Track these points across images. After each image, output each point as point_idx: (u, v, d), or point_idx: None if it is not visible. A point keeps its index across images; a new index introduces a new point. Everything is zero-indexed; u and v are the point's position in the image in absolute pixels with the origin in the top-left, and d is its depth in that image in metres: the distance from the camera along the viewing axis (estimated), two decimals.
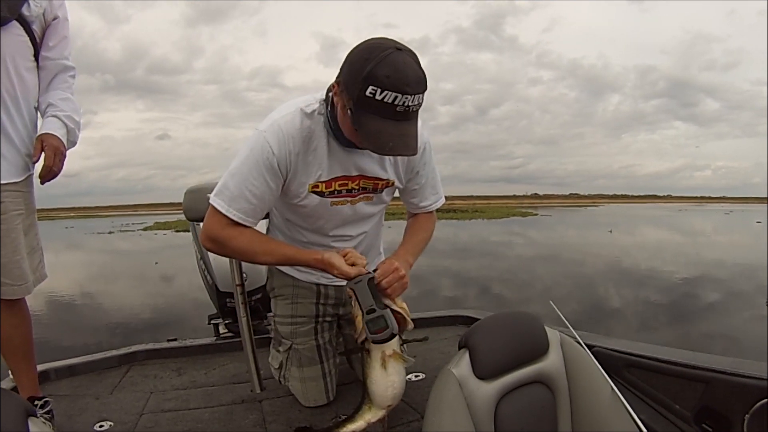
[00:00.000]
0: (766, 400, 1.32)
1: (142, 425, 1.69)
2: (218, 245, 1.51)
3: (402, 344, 1.41)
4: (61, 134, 1.61)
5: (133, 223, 50.38)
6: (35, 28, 1.59)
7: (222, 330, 2.66)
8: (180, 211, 2.02)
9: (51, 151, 1.56)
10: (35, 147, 1.57)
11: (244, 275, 1.93)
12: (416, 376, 1.97)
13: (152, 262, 16.80)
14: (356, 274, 1.39)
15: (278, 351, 1.84)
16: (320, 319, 1.79)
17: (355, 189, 1.56)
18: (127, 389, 1.99)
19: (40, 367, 1.85)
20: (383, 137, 1.25)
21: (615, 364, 1.67)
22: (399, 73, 1.20)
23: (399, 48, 1.23)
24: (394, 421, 1.61)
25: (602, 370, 1.20)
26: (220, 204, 1.45)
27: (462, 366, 1.10)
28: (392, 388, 1.37)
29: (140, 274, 14.24)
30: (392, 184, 1.62)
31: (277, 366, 1.84)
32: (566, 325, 1.46)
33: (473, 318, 2.57)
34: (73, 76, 1.73)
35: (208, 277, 2.62)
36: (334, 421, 1.58)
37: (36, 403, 1.63)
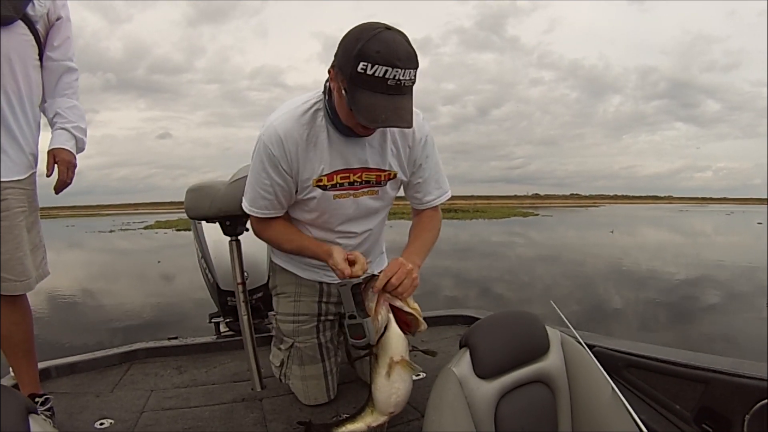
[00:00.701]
0: (766, 400, 1.32)
1: (143, 423, 1.69)
2: (258, 237, 1.70)
3: (412, 350, 1.41)
4: (70, 146, 1.68)
5: (134, 222, 50.36)
6: (39, 27, 1.61)
7: (223, 328, 2.67)
8: (181, 210, 2.02)
9: (64, 166, 1.65)
10: (48, 161, 1.63)
11: (246, 274, 1.94)
12: (417, 375, 1.97)
13: (153, 260, 16.78)
14: (349, 275, 1.43)
15: (279, 349, 1.85)
16: (322, 317, 1.80)
17: (357, 182, 1.58)
18: (127, 387, 2.00)
19: (41, 365, 1.86)
20: (377, 110, 1.28)
21: (615, 364, 1.67)
22: (389, 48, 1.25)
23: (389, 28, 1.28)
24: (394, 420, 1.61)
25: (602, 370, 1.20)
26: (245, 206, 1.62)
27: (462, 365, 1.10)
28: (395, 396, 1.38)
29: (141, 272, 14.23)
30: (395, 176, 1.63)
31: (278, 364, 1.85)
32: (567, 325, 1.46)
33: (474, 317, 2.57)
34: (76, 79, 1.76)
35: (209, 275, 2.63)
36: (335, 419, 1.58)
37: (37, 400, 1.64)
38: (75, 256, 19.92)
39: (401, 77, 1.26)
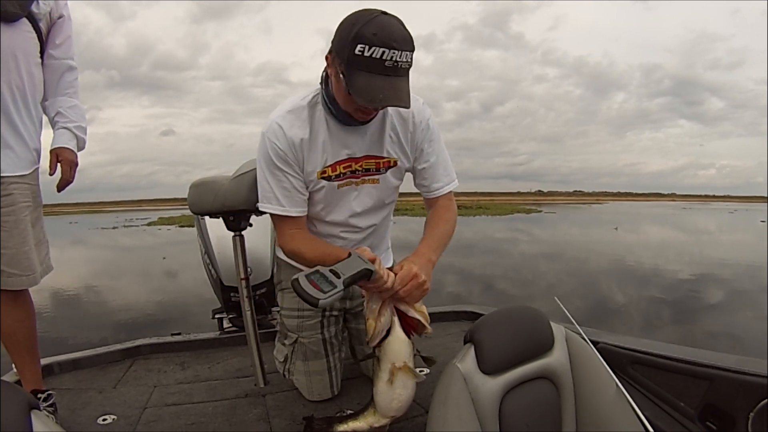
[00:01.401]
0: None
1: (146, 419, 1.69)
2: (284, 249, 1.67)
3: (416, 355, 1.38)
4: (72, 146, 1.70)
5: (137, 219, 50.48)
6: (42, 25, 1.62)
7: (226, 324, 2.67)
8: (184, 207, 2.02)
9: (67, 166, 1.67)
10: (51, 160, 1.65)
11: (249, 269, 1.94)
12: (420, 371, 1.97)
13: (156, 257, 16.83)
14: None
15: (284, 344, 1.85)
16: (327, 312, 1.79)
17: (358, 170, 1.59)
18: (130, 383, 2.00)
19: (43, 361, 1.86)
20: (374, 90, 1.30)
21: (619, 360, 1.66)
22: (385, 30, 1.28)
23: (384, 13, 1.31)
24: (398, 417, 1.61)
25: (607, 366, 1.20)
26: (264, 206, 1.59)
27: (467, 361, 1.10)
28: (397, 402, 1.35)
29: (144, 269, 14.27)
30: (395, 163, 1.63)
31: (282, 359, 1.85)
32: (571, 321, 1.45)
33: (477, 313, 2.57)
34: (77, 78, 1.77)
35: (212, 271, 2.63)
36: (339, 415, 1.58)
37: (39, 396, 1.64)
38: (78, 253, 19.97)
39: (398, 59, 1.29)
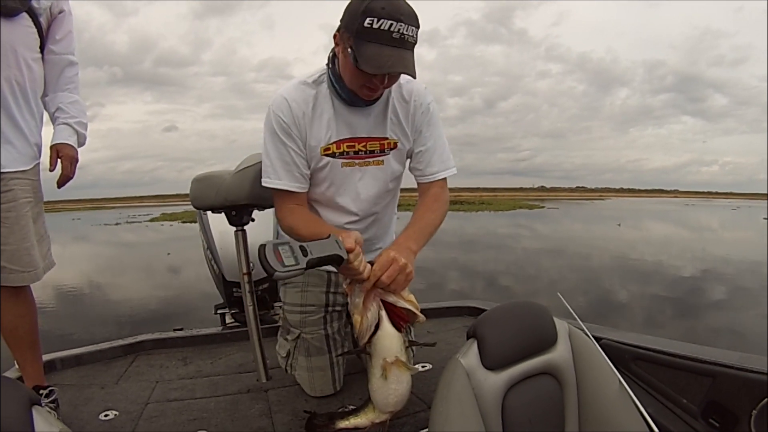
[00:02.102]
0: None
1: (148, 415, 1.69)
2: (281, 224, 1.66)
3: (408, 347, 1.36)
4: (73, 141, 1.69)
5: (140, 215, 50.60)
6: (42, 20, 1.61)
7: (228, 320, 2.67)
8: (186, 203, 2.02)
9: (68, 161, 1.66)
10: (51, 156, 1.64)
11: (251, 264, 1.93)
12: (423, 367, 1.97)
13: (159, 253, 16.87)
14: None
15: (286, 339, 1.85)
16: (330, 308, 1.79)
17: (362, 151, 1.61)
18: (132, 379, 2.00)
19: (46, 357, 1.86)
20: (382, 58, 1.34)
21: (622, 356, 1.66)
22: (393, 5, 1.33)
23: None
24: (400, 412, 1.61)
25: (610, 362, 1.19)
26: (266, 181, 1.60)
27: (470, 356, 1.09)
28: (393, 397, 1.32)
29: (147, 265, 14.30)
30: (395, 145, 1.65)
31: (284, 354, 1.84)
32: (574, 317, 1.45)
33: (480, 309, 2.57)
34: (77, 74, 1.76)
35: (214, 266, 2.63)
36: (341, 410, 1.58)
37: (41, 392, 1.64)
38: (81, 249, 20.04)
39: (405, 32, 1.34)
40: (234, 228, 1.92)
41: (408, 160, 1.73)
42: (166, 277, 12.28)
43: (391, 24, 1.32)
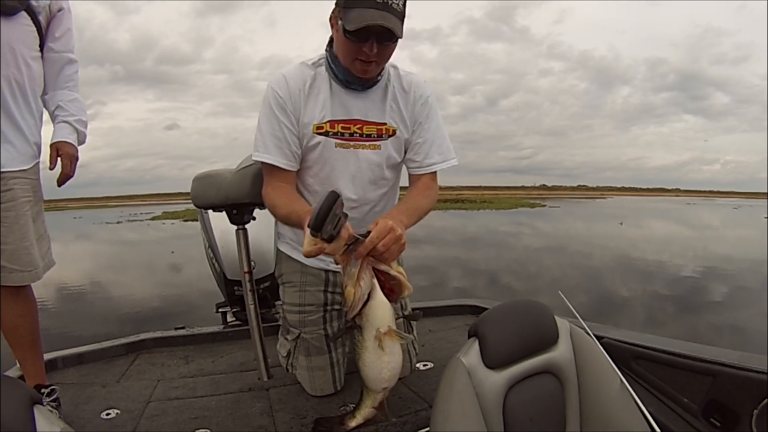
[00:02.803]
0: None
1: (149, 413, 1.69)
2: (265, 200, 1.65)
3: (398, 318, 1.34)
4: (73, 140, 1.68)
5: (142, 213, 50.65)
6: (41, 18, 1.60)
7: (230, 318, 2.67)
8: (188, 201, 2.02)
9: (68, 160, 1.65)
10: (51, 154, 1.63)
11: (253, 263, 1.93)
12: (424, 365, 1.98)
13: (160, 251, 16.89)
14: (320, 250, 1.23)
15: (286, 339, 1.84)
16: (329, 307, 1.79)
17: (357, 133, 1.64)
18: (134, 377, 2.00)
19: (47, 356, 1.86)
20: (365, 16, 1.41)
21: (623, 355, 1.66)
22: None
23: None
24: (402, 411, 1.61)
25: (611, 361, 1.19)
26: (255, 155, 1.63)
27: (471, 355, 1.09)
28: (387, 370, 1.30)
29: (149, 263, 14.31)
30: (394, 132, 1.67)
31: (285, 354, 1.84)
32: (575, 316, 1.45)
33: (481, 307, 2.57)
34: (76, 72, 1.76)
35: (216, 265, 2.63)
36: (343, 409, 1.58)
37: (42, 391, 1.64)
38: (83, 248, 20.06)
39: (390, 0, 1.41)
40: (235, 227, 1.92)
41: (404, 146, 1.73)
42: (168, 275, 12.29)
43: None
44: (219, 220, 2.51)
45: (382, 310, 1.26)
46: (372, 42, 1.45)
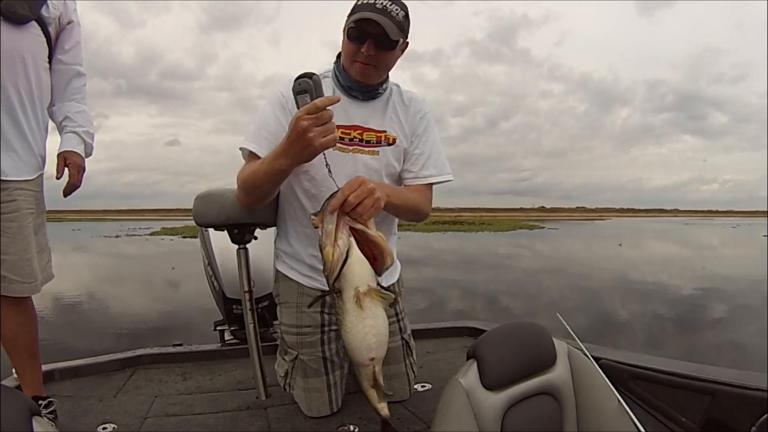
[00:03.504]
0: None
1: (146, 429, 1.69)
2: (239, 181, 1.65)
3: (379, 285, 1.26)
4: (80, 150, 1.70)
5: (141, 228, 50.63)
6: (50, 30, 1.62)
7: (228, 336, 2.66)
8: (188, 217, 2.03)
9: (75, 169, 1.66)
10: (58, 164, 1.65)
11: (252, 282, 1.94)
12: (423, 387, 1.97)
13: (159, 266, 16.87)
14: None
15: (284, 359, 1.83)
16: (326, 328, 1.77)
17: (357, 138, 1.68)
18: (131, 392, 2.00)
19: (44, 367, 1.86)
20: (365, 11, 1.50)
21: (621, 375, 1.66)
22: None
23: None
24: (401, 430, 1.61)
25: (609, 382, 1.20)
26: (244, 143, 1.67)
27: (470, 376, 1.09)
28: (371, 335, 1.23)
29: (147, 278, 14.28)
30: (394, 141, 1.72)
31: (282, 374, 1.83)
32: (573, 337, 1.45)
33: (479, 329, 2.56)
34: (84, 84, 1.78)
35: (215, 283, 2.63)
36: (341, 429, 1.57)
37: (40, 403, 1.64)
38: (81, 260, 20.00)
39: (389, 6, 1.51)
40: (236, 246, 1.92)
41: (403, 156, 1.77)
42: (166, 290, 12.24)
43: None
44: (219, 238, 2.51)
45: (360, 267, 1.23)
46: (369, 43, 1.54)
